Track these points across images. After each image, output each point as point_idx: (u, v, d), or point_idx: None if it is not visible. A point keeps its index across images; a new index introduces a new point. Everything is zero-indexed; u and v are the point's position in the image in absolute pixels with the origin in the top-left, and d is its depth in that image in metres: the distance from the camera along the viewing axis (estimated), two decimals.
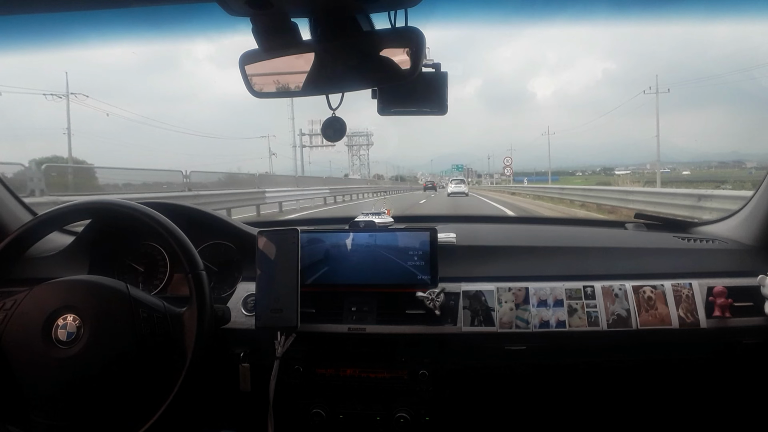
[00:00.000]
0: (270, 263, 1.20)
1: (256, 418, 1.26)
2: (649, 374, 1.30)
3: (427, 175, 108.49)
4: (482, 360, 1.25)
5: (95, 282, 1.05)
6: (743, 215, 1.44)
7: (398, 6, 0.85)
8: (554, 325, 1.21)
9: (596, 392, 1.35)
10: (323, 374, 1.28)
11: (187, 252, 1.06)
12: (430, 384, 1.24)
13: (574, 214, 11.82)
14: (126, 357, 0.98)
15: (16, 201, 1.48)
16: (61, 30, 1.12)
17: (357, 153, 58.70)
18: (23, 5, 0.89)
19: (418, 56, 0.85)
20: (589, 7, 1.19)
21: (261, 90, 0.95)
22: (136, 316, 1.00)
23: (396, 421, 1.23)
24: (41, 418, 0.97)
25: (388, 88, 1.05)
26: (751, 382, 1.31)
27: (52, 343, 0.97)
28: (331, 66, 0.90)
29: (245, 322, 1.27)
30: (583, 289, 1.24)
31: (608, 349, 1.23)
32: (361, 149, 58.47)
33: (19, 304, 1.00)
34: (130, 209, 1.09)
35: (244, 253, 1.37)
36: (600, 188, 16.44)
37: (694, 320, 1.20)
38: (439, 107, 1.06)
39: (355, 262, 1.28)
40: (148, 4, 0.91)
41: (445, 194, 29.15)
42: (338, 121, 0.97)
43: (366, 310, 1.26)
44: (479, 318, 1.23)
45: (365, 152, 59.68)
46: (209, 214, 1.45)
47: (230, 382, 1.27)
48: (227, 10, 0.78)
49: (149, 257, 1.42)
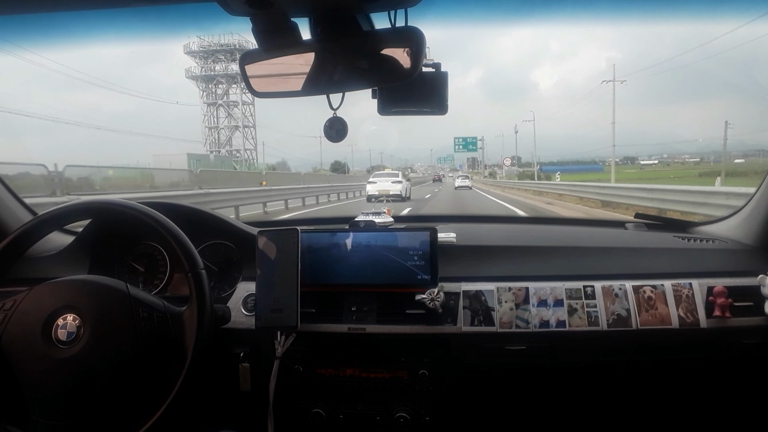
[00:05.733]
0: (270, 263, 1.20)
1: (256, 418, 1.26)
2: (649, 374, 1.30)
3: (428, 168, 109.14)
4: (482, 360, 1.24)
5: (95, 282, 1.05)
6: (743, 215, 1.44)
7: (398, 6, 0.85)
8: (554, 325, 1.21)
9: (596, 392, 1.35)
10: (323, 374, 1.28)
11: (187, 251, 1.06)
12: (430, 384, 1.24)
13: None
14: (126, 357, 0.98)
15: (16, 201, 1.48)
16: (61, 30, 1.12)
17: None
18: (22, 5, 0.89)
19: (418, 56, 0.85)
20: (589, 6, 1.19)
21: (261, 90, 0.95)
22: (136, 316, 1.00)
23: (396, 421, 1.23)
24: (41, 418, 0.97)
25: (388, 88, 1.05)
26: (751, 382, 1.31)
27: (52, 343, 0.97)
28: (331, 66, 0.90)
29: (245, 322, 1.27)
30: (583, 289, 1.24)
31: (608, 349, 1.23)
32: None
33: (19, 304, 1.00)
34: (130, 209, 1.09)
35: (244, 252, 1.37)
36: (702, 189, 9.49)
37: (694, 320, 1.20)
38: (439, 107, 1.06)
39: (355, 262, 1.28)
40: (148, 4, 0.91)
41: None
42: (339, 122, 0.96)
43: (366, 310, 1.26)
44: (479, 318, 1.23)
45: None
46: (209, 213, 1.45)
47: (230, 382, 1.27)
48: (227, 10, 0.78)
49: (149, 257, 1.42)
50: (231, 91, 53.70)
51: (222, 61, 51.90)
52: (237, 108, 53.76)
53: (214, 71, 52.50)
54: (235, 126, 54.21)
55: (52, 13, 0.96)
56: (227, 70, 51.86)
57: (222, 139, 54.48)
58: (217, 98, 54.13)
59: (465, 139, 49.00)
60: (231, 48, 49.26)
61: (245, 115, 54.37)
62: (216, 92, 54.16)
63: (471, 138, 49.26)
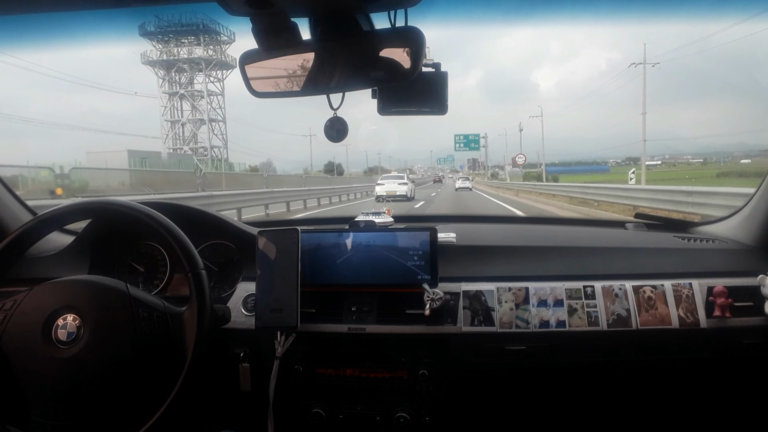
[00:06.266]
0: (270, 263, 1.20)
1: (256, 418, 1.26)
2: (649, 374, 1.30)
3: (427, 169, 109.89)
4: (482, 360, 1.24)
5: (95, 282, 1.05)
6: (743, 215, 1.44)
7: (398, 6, 0.85)
8: (554, 325, 1.21)
9: (596, 392, 1.35)
10: (323, 374, 1.28)
11: (187, 251, 1.06)
12: (430, 384, 1.24)
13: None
14: (126, 357, 0.98)
15: (16, 201, 1.48)
16: (60, 29, 1.12)
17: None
18: (23, 5, 0.89)
19: (418, 56, 0.85)
20: (589, 6, 1.19)
21: (261, 90, 0.95)
22: (136, 316, 1.00)
23: (396, 421, 1.23)
24: (41, 418, 0.97)
25: (388, 88, 1.05)
26: (751, 382, 1.31)
27: (52, 343, 0.96)
28: (330, 66, 0.90)
29: (245, 322, 1.27)
30: (583, 289, 1.24)
31: (608, 349, 1.23)
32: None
33: (18, 304, 1.00)
34: (130, 209, 1.09)
35: (244, 253, 1.37)
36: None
37: (694, 320, 1.20)
38: (439, 107, 1.06)
39: (355, 262, 1.28)
40: (148, 4, 0.91)
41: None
42: (339, 122, 0.96)
43: (366, 310, 1.26)
44: (479, 318, 1.23)
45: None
46: (209, 213, 1.45)
47: (230, 382, 1.27)
48: (227, 10, 0.78)
49: (149, 257, 1.42)
50: (197, 80, 46.48)
51: (185, 45, 44.39)
52: (203, 99, 46.79)
53: (176, 56, 44.90)
54: (200, 120, 47.23)
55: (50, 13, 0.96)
56: (191, 55, 44.91)
57: (187, 134, 47.31)
58: (180, 87, 46.64)
59: (467, 137, 44.08)
60: (194, 27, 41.64)
61: (213, 108, 47.33)
62: (179, 81, 46.66)
63: (473, 135, 44.23)
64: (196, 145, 47.29)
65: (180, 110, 47.45)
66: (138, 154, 27.56)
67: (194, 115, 47.64)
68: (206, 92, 46.79)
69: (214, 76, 46.88)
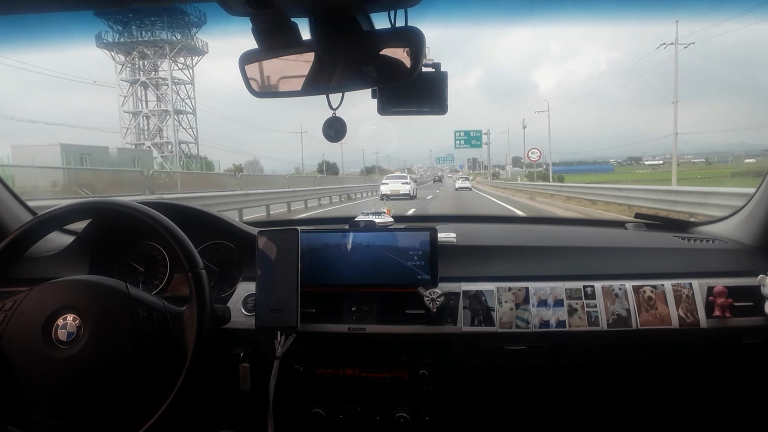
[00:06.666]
0: (270, 263, 1.20)
1: (256, 418, 1.26)
2: (649, 374, 1.30)
3: (427, 169, 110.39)
4: (482, 360, 1.25)
5: (95, 282, 1.05)
6: (743, 215, 1.44)
7: (398, 6, 0.85)
8: (554, 325, 1.21)
9: (596, 392, 1.35)
10: (323, 374, 1.28)
11: (187, 251, 1.06)
12: (430, 384, 1.24)
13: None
14: (126, 356, 0.98)
15: (16, 201, 1.48)
16: (59, 29, 1.12)
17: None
18: (22, 4, 0.89)
19: (418, 56, 0.85)
20: (589, 6, 1.19)
21: (261, 90, 0.95)
22: (136, 316, 1.00)
23: (396, 421, 1.23)
24: (41, 418, 0.97)
25: (388, 88, 1.05)
26: (752, 382, 1.31)
27: (52, 343, 0.96)
28: (331, 66, 0.90)
29: (245, 322, 1.27)
30: (583, 289, 1.24)
31: (608, 349, 1.23)
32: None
33: (18, 305, 1.00)
34: (130, 209, 1.09)
35: (244, 253, 1.37)
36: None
37: (694, 320, 1.20)
38: (438, 107, 1.06)
39: (355, 262, 1.28)
40: (148, 4, 0.91)
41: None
42: (338, 121, 0.96)
43: (366, 310, 1.26)
44: (479, 318, 1.23)
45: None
46: (209, 213, 1.45)
47: (230, 382, 1.27)
48: (227, 10, 0.78)
49: (149, 257, 1.42)
50: (162, 67, 40.55)
51: (146, 27, 37.81)
52: (168, 87, 41.05)
53: (137, 39, 38.33)
54: (166, 110, 41.58)
55: (48, 14, 0.96)
56: (155, 37, 38.45)
57: (152, 128, 41.51)
58: (143, 75, 40.87)
59: (468, 133, 39.93)
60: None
61: (181, 98, 41.45)
62: (142, 67, 40.91)
63: (474, 132, 40.00)
64: (161, 140, 42.25)
65: (144, 101, 42.13)
66: (75, 149, 23.39)
67: (159, 107, 42.29)
68: (171, 79, 41.38)
69: (181, 62, 41.66)
